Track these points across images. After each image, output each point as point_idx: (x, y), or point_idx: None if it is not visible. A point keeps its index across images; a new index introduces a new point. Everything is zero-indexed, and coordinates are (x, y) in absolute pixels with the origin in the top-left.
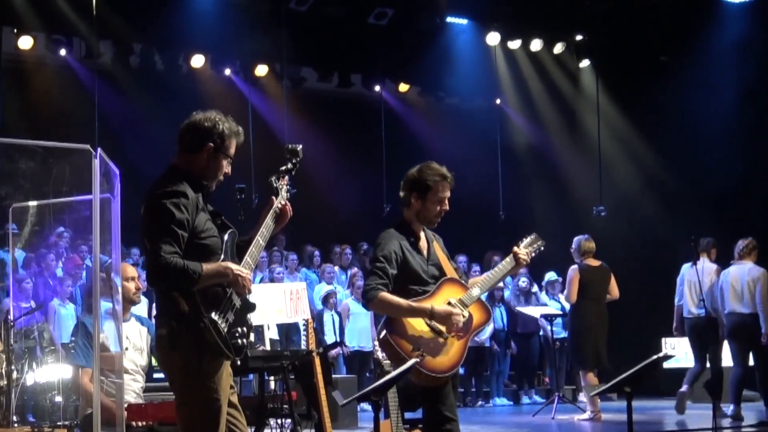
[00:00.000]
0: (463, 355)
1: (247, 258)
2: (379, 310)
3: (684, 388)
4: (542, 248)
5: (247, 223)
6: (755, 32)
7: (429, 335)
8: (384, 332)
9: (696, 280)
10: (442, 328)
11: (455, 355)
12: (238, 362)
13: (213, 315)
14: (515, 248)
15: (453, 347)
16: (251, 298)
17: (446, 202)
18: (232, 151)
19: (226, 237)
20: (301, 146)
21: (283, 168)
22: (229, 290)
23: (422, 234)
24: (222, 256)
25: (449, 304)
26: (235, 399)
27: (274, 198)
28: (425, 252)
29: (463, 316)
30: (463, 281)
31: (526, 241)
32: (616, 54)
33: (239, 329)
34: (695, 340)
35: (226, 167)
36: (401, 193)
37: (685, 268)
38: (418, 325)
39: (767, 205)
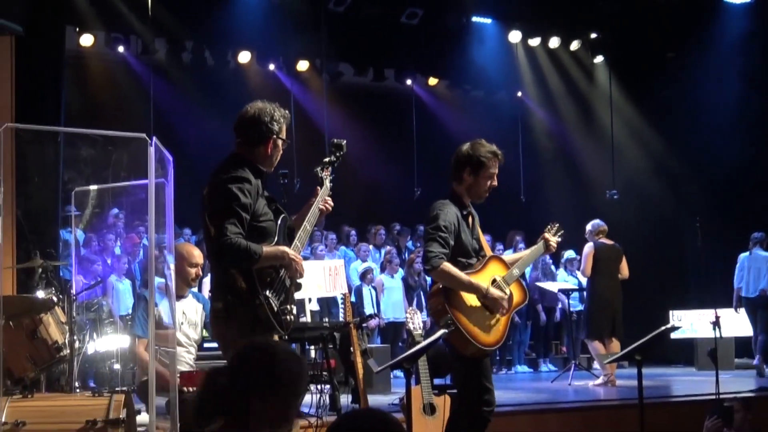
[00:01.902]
0: (506, 330)
1: (296, 242)
2: (440, 278)
3: (756, 359)
4: (561, 237)
5: (290, 205)
6: (756, 30)
7: (481, 311)
8: (443, 302)
9: (754, 266)
10: (490, 311)
11: (501, 331)
12: (286, 337)
13: (267, 293)
14: (547, 235)
15: (499, 323)
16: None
17: (495, 178)
18: (284, 134)
19: (279, 222)
20: (345, 141)
21: (327, 159)
22: (282, 272)
23: (470, 209)
24: (276, 239)
25: (494, 281)
26: None
27: (319, 188)
28: (471, 227)
29: (505, 294)
30: (506, 261)
31: (554, 229)
32: (627, 50)
33: (288, 307)
34: (754, 316)
35: (283, 146)
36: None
37: (743, 256)
38: (473, 300)
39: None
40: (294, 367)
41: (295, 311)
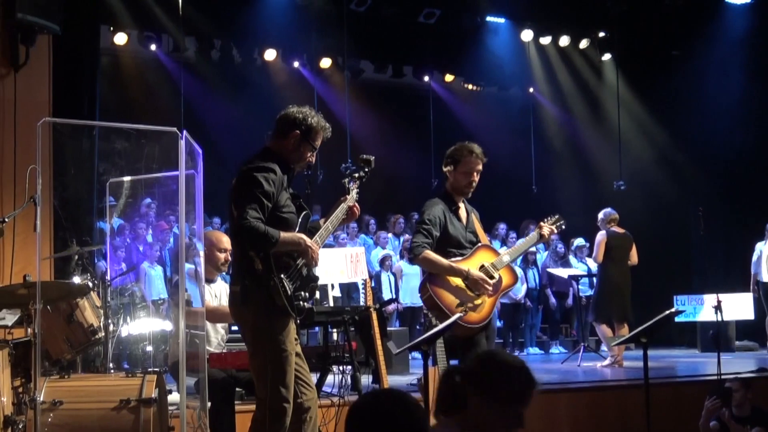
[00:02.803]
0: (491, 311)
1: (316, 237)
2: (423, 265)
3: None
4: (563, 227)
5: (312, 196)
6: (756, 29)
7: (465, 290)
8: (426, 283)
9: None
10: (475, 292)
11: (485, 311)
12: (298, 321)
13: (282, 275)
14: (541, 223)
15: (485, 304)
16: (317, 269)
17: (474, 175)
18: (318, 143)
19: (301, 217)
20: (373, 157)
21: (356, 174)
22: (299, 260)
23: (462, 204)
24: (296, 231)
25: (482, 266)
26: (299, 349)
27: (346, 196)
28: (464, 220)
29: (493, 277)
30: (496, 249)
31: (552, 219)
32: (633, 48)
33: (302, 294)
34: None
35: (310, 157)
36: (443, 168)
37: (760, 245)
38: (457, 282)
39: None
40: (518, 381)
41: (309, 300)
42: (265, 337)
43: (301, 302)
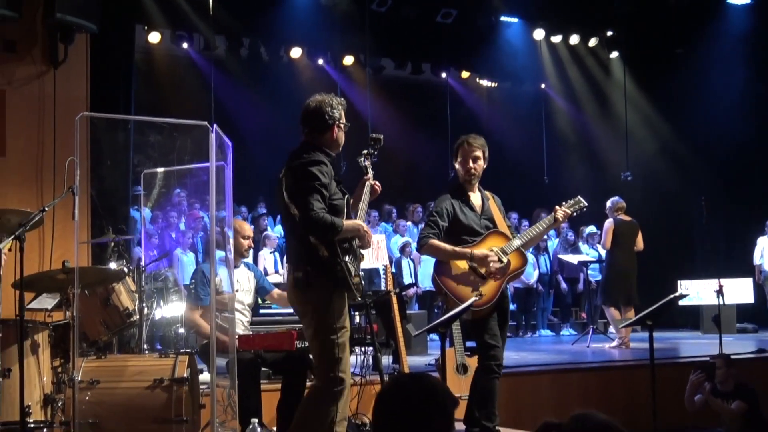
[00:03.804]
0: (497, 293)
1: (357, 220)
2: (429, 253)
3: None
4: (584, 209)
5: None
6: (756, 28)
7: (470, 277)
8: (434, 274)
9: None
10: (482, 270)
11: (490, 293)
12: (359, 299)
13: (347, 258)
14: (557, 207)
15: (490, 287)
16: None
17: (469, 162)
18: (344, 119)
19: (345, 200)
20: (382, 136)
21: (365, 152)
22: (355, 243)
23: (473, 194)
24: (344, 215)
25: (491, 251)
26: None
27: (365, 176)
28: (478, 208)
29: (501, 262)
30: (508, 234)
31: (570, 202)
32: (640, 47)
33: (360, 274)
34: None
35: (344, 131)
36: None
37: (762, 239)
38: (462, 267)
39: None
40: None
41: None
42: (329, 319)
43: (360, 282)
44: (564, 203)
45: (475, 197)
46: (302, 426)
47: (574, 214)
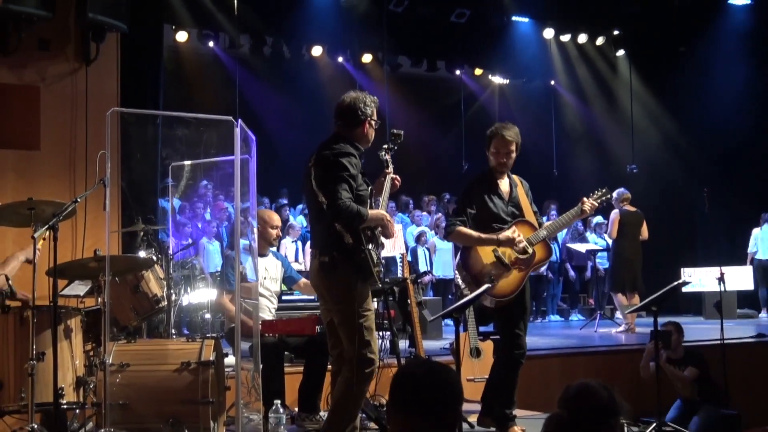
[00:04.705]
0: (521, 284)
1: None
2: (456, 240)
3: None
4: (606, 202)
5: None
6: (756, 27)
7: (495, 266)
8: (458, 260)
9: (765, 237)
10: (507, 259)
11: (514, 284)
12: (380, 285)
13: (369, 246)
14: (584, 198)
15: (514, 277)
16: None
17: (501, 153)
18: (375, 116)
19: (369, 191)
20: (402, 131)
21: (386, 146)
22: (377, 231)
23: (502, 181)
24: (368, 205)
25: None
26: None
27: (386, 169)
28: (506, 195)
29: (527, 252)
30: (534, 223)
31: (598, 194)
32: (645, 45)
33: (381, 262)
34: (763, 277)
35: (375, 128)
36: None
37: (756, 231)
38: (486, 258)
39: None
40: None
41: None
42: (355, 303)
43: (381, 269)
44: (591, 194)
45: (504, 183)
46: (340, 408)
47: (603, 205)
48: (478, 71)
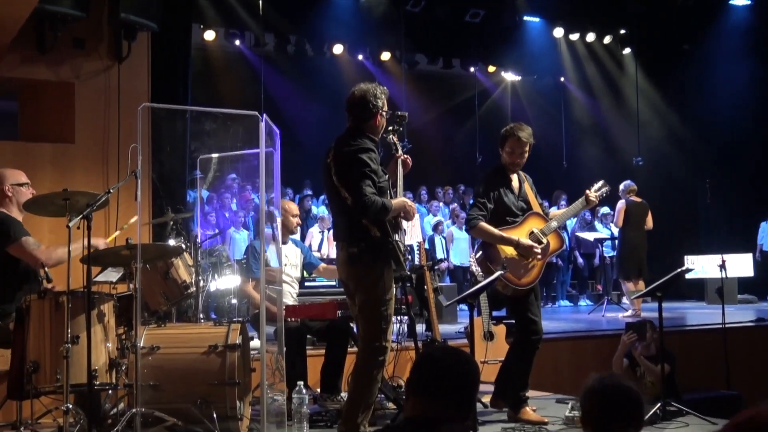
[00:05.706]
0: (540, 274)
1: (399, 195)
2: (478, 235)
3: None
4: (607, 193)
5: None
6: (756, 26)
7: (515, 258)
8: (480, 254)
9: None
10: (525, 259)
11: (534, 274)
12: (408, 273)
13: (396, 237)
14: (587, 191)
15: (534, 267)
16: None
17: (515, 153)
18: (386, 107)
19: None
20: (407, 113)
21: (391, 128)
22: (399, 219)
23: (514, 176)
24: (388, 194)
25: (532, 232)
26: None
27: (395, 153)
28: (516, 190)
29: (541, 243)
30: (545, 215)
31: (597, 185)
32: (650, 44)
33: (408, 249)
34: None
35: (386, 118)
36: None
37: (764, 223)
38: (508, 251)
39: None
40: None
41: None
42: (379, 292)
43: (409, 257)
44: (592, 187)
45: (514, 179)
46: (357, 393)
47: (605, 194)
48: (491, 68)
